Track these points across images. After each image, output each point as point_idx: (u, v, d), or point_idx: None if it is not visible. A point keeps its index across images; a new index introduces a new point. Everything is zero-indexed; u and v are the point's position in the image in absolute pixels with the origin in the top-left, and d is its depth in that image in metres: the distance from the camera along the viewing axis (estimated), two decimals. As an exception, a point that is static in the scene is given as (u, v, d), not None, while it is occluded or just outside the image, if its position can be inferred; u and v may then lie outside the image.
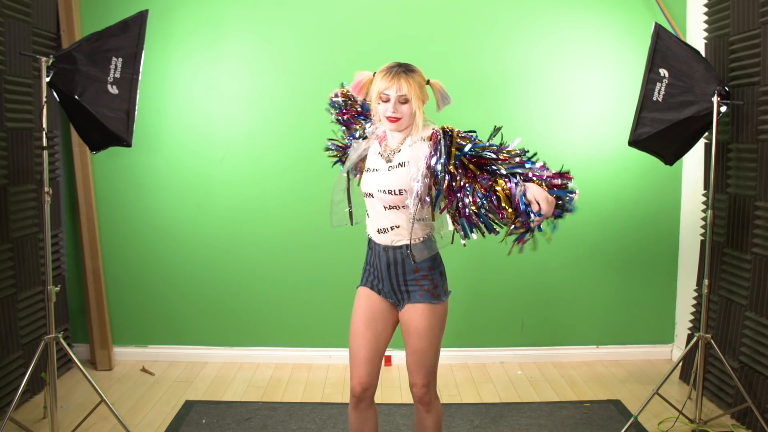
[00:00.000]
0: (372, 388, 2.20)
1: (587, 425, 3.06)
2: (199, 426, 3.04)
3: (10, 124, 3.10)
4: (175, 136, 3.78)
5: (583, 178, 3.83)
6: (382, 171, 2.11)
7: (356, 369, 2.18)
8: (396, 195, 2.08)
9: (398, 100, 2.04)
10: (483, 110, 3.77)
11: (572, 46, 3.77)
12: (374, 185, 2.11)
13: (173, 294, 3.89)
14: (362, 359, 2.16)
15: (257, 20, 3.73)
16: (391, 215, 2.12)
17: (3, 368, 3.06)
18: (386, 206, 2.11)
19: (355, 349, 2.18)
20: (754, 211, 3.03)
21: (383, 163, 2.12)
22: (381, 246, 2.16)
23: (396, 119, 2.06)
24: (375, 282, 2.22)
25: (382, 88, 2.05)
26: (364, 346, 2.17)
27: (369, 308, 2.20)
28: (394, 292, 2.19)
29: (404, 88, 2.03)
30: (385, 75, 2.05)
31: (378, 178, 2.11)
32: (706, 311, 2.97)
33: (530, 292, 3.91)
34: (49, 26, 3.45)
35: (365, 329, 2.18)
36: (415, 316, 2.15)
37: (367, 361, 2.17)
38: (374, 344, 2.18)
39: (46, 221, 2.74)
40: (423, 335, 2.15)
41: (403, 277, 2.16)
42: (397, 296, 2.19)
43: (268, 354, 3.93)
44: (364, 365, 2.17)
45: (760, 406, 2.90)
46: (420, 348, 2.16)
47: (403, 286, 2.17)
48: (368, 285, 2.23)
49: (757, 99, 2.97)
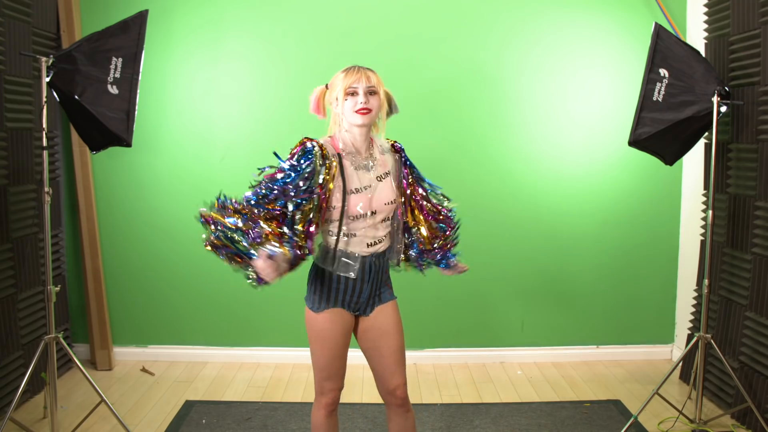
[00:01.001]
0: None
1: (587, 425, 3.06)
2: (199, 426, 3.04)
3: (10, 124, 3.10)
4: (175, 136, 3.78)
5: (582, 177, 3.85)
6: (374, 185, 2.08)
7: (335, 382, 2.17)
8: (393, 204, 2.13)
9: (366, 92, 2.03)
10: (483, 110, 3.78)
11: (572, 46, 3.77)
12: (378, 201, 2.08)
13: (173, 294, 3.89)
14: (341, 374, 2.19)
15: (257, 20, 3.73)
16: (386, 225, 2.14)
17: (3, 368, 3.06)
18: (384, 218, 2.12)
19: (337, 368, 2.16)
20: (754, 211, 3.03)
21: (368, 177, 2.08)
22: (369, 257, 2.11)
23: (367, 110, 2.01)
24: (347, 297, 2.12)
25: (348, 83, 2.02)
26: (343, 365, 2.19)
27: (344, 329, 2.15)
28: (370, 299, 2.17)
29: (373, 80, 2.04)
30: (349, 72, 2.05)
31: (375, 192, 2.08)
32: (706, 311, 2.97)
33: (530, 292, 3.91)
34: (49, 26, 3.45)
35: (343, 350, 2.16)
36: (390, 314, 2.19)
37: (343, 375, 2.20)
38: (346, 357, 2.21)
39: (46, 221, 2.74)
40: (401, 330, 2.21)
41: (381, 280, 2.19)
42: (370, 302, 2.17)
43: (268, 354, 3.93)
44: (342, 378, 2.20)
45: (760, 406, 2.90)
46: (400, 344, 2.19)
47: (378, 290, 2.19)
48: (339, 305, 2.12)
49: (757, 99, 2.97)
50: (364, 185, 2.06)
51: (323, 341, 2.13)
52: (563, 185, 3.85)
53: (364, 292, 2.14)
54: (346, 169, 2.04)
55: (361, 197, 2.05)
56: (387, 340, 2.17)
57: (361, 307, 2.17)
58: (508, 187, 3.84)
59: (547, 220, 3.84)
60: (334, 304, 2.12)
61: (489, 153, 3.82)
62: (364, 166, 2.08)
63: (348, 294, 2.12)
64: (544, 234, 3.84)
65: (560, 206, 3.85)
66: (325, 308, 2.12)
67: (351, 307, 2.16)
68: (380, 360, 2.19)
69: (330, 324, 2.12)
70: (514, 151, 3.81)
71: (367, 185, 2.07)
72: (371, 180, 2.08)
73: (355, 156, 2.08)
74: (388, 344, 2.17)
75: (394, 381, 2.18)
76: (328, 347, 2.13)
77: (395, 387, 2.18)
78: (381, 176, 2.10)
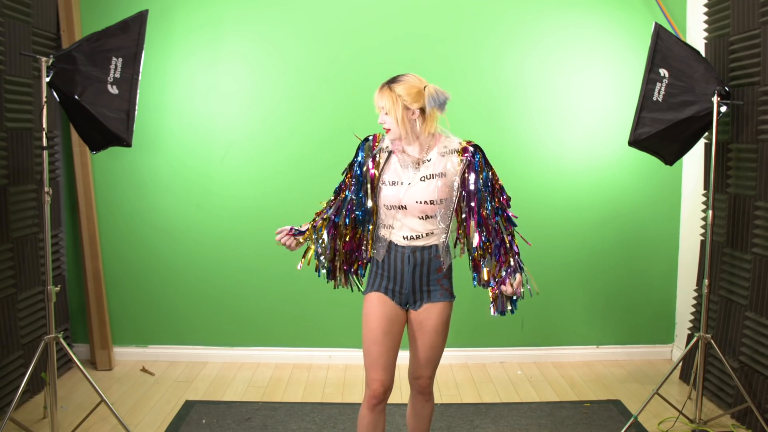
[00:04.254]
0: (390, 390, 2.26)
1: (587, 425, 3.06)
2: (199, 426, 3.04)
3: (10, 124, 3.10)
4: (175, 136, 3.78)
5: (583, 177, 3.85)
6: (414, 183, 2.17)
7: (377, 373, 2.21)
8: (433, 205, 2.17)
9: (382, 113, 2.18)
10: (483, 110, 3.78)
11: (572, 46, 3.77)
12: (408, 197, 2.17)
13: (173, 294, 3.89)
14: (384, 364, 2.22)
15: (257, 20, 3.73)
16: (424, 222, 2.20)
17: (3, 368, 3.06)
18: (421, 216, 2.19)
19: (376, 354, 2.21)
20: (754, 211, 3.03)
21: (411, 175, 2.18)
22: (408, 249, 2.21)
23: (387, 129, 2.18)
24: (390, 285, 2.25)
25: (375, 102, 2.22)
26: (385, 352, 2.21)
27: (385, 314, 2.23)
28: (414, 293, 2.24)
29: (379, 101, 2.18)
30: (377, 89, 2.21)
31: (410, 189, 2.17)
32: (706, 311, 2.97)
33: (530, 292, 3.90)
34: (49, 26, 3.45)
35: (384, 336, 2.21)
36: (435, 314, 2.24)
37: (388, 366, 2.23)
38: (393, 349, 2.24)
39: (46, 221, 2.74)
40: (441, 331, 2.26)
41: (427, 277, 2.23)
42: (416, 296, 2.25)
43: (268, 354, 3.93)
44: (386, 369, 2.22)
45: (760, 406, 2.90)
46: (436, 344, 2.26)
47: (425, 286, 2.24)
48: (381, 290, 2.26)
49: (757, 99, 2.97)
50: (401, 180, 2.19)
51: (365, 323, 2.25)
52: (563, 185, 3.85)
53: (406, 284, 2.23)
54: (389, 163, 2.23)
55: (394, 190, 2.19)
56: (423, 335, 2.25)
57: (409, 300, 2.26)
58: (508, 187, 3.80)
59: (547, 219, 3.84)
60: (378, 288, 2.26)
61: (488, 153, 3.80)
62: (413, 164, 2.20)
63: (391, 282, 2.25)
64: (544, 234, 3.83)
65: (560, 206, 3.85)
66: (369, 291, 2.28)
67: (396, 298, 2.25)
68: (414, 352, 2.29)
69: (370, 306, 2.25)
70: (514, 151, 3.81)
71: (405, 181, 2.18)
72: (412, 178, 2.18)
73: (404, 155, 2.21)
74: (423, 340, 2.25)
75: (419, 371, 2.29)
76: (368, 329, 2.23)
77: (419, 376, 2.30)
78: (426, 176, 2.18)
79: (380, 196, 2.22)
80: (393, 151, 2.23)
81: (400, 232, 2.22)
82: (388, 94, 2.14)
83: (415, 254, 2.21)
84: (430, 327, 2.24)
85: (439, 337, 2.26)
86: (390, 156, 2.23)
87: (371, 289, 2.28)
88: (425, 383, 2.31)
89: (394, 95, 2.13)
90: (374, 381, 2.21)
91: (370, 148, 2.26)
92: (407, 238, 2.21)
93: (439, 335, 2.26)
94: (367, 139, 2.29)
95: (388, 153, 2.24)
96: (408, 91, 2.13)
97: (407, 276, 2.22)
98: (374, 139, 2.28)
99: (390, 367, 2.23)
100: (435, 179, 2.17)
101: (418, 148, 2.20)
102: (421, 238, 2.21)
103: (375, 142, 2.27)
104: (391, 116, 2.14)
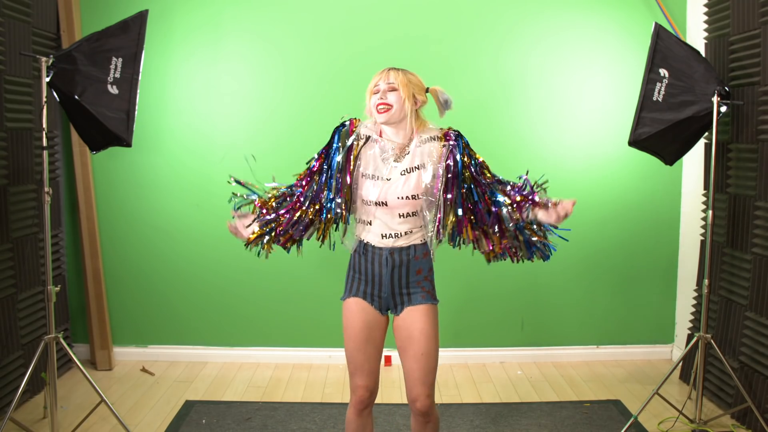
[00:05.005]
0: (376, 393, 2.22)
1: (587, 425, 3.06)
2: (199, 426, 3.04)
3: (10, 124, 3.10)
4: (175, 136, 3.78)
5: (583, 177, 3.85)
6: (394, 177, 2.09)
7: (362, 379, 2.18)
8: (414, 200, 2.09)
9: (386, 90, 2.09)
10: (482, 110, 3.78)
11: (572, 46, 3.77)
12: (390, 193, 2.09)
13: (173, 294, 3.89)
14: (368, 370, 2.18)
15: (257, 20, 3.73)
16: (404, 221, 2.12)
17: (3, 368, 3.06)
18: (402, 213, 2.11)
19: (360, 361, 2.17)
20: (754, 211, 3.03)
21: (391, 169, 2.10)
22: (386, 250, 2.14)
23: (386, 106, 2.07)
24: (368, 289, 2.18)
25: (373, 83, 2.12)
26: (368, 359, 2.17)
27: (365, 321, 2.16)
28: (394, 296, 2.17)
29: (392, 77, 2.10)
30: (377, 73, 2.15)
31: (391, 185, 2.09)
32: (706, 311, 2.97)
33: (530, 292, 3.91)
34: (49, 26, 3.45)
35: (366, 344, 2.16)
36: (420, 318, 2.15)
37: (372, 371, 2.19)
38: (375, 354, 2.20)
39: (46, 221, 2.74)
40: (431, 336, 2.15)
41: (406, 279, 2.16)
42: (396, 300, 2.17)
43: (268, 354, 3.93)
44: (371, 375, 2.19)
45: (760, 406, 2.90)
46: (427, 350, 2.14)
47: (404, 289, 2.17)
48: (360, 294, 2.18)
49: (757, 99, 2.97)
50: (381, 174, 2.10)
51: (347, 330, 2.19)
52: (563, 185, 3.84)
53: (385, 287, 2.16)
54: (365, 153, 2.12)
55: (374, 185, 2.10)
56: (411, 343, 2.15)
57: (389, 304, 2.19)
58: (508, 187, 3.83)
59: (547, 220, 3.84)
60: (357, 293, 2.19)
61: (489, 153, 3.78)
62: (393, 154, 2.12)
63: (369, 286, 2.17)
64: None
65: (560, 206, 3.85)
66: (347, 297, 2.20)
67: (375, 302, 2.17)
68: (405, 362, 2.18)
69: (349, 312, 2.19)
70: (514, 151, 3.80)
71: (384, 176, 2.10)
72: (392, 172, 2.10)
73: (386, 142, 2.13)
74: (413, 348, 2.14)
75: (415, 390, 2.15)
76: (349, 337, 2.18)
77: (415, 398, 2.15)
78: (406, 170, 2.10)
79: (361, 188, 2.12)
80: (374, 139, 2.13)
81: (378, 230, 2.13)
82: (403, 76, 2.10)
83: (393, 256, 2.13)
84: (418, 331, 2.13)
85: (430, 343, 2.14)
86: (367, 143, 2.13)
87: (349, 294, 2.20)
88: (424, 404, 2.15)
89: (406, 78, 2.11)
90: (359, 387, 2.18)
91: (347, 134, 2.14)
92: (386, 237, 2.13)
93: (430, 341, 2.14)
94: (344, 125, 2.17)
95: (366, 139, 2.13)
96: (418, 83, 2.14)
97: (386, 279, 2.14)
98: (351, 124, 2.16)
99: (374, 372, 2.19)
100: (414, 172, 2.09)
101: (401, 137, 2.13)
102: (400, 237, 2.13)
103: (352, 127, 2.16)
104: (399, 94, 2.07)
